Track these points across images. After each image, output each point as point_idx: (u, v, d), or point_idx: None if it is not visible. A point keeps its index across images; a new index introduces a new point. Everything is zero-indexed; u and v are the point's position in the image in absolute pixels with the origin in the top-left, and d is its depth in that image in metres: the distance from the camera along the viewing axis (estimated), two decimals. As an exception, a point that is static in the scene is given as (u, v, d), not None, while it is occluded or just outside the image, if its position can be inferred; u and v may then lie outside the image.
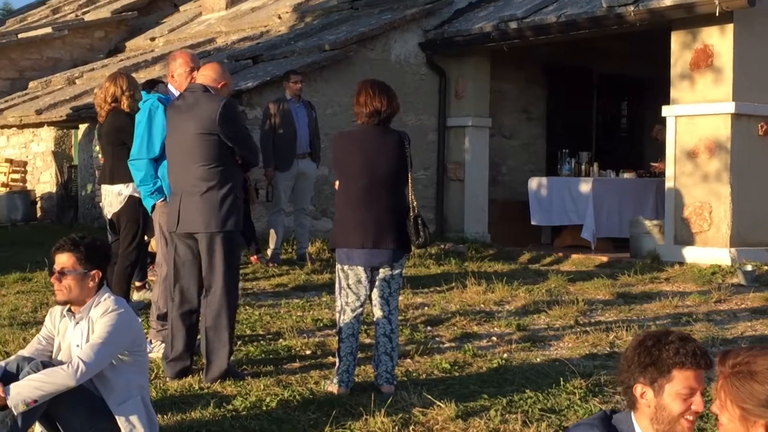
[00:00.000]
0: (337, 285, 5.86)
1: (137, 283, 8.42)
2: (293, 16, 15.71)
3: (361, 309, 5.78)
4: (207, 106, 5.93)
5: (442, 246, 11.99)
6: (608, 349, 6.89)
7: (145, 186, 6.68)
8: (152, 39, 18.58)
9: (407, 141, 5.85)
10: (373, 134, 5.78)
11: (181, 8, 20.06)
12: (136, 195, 7.21)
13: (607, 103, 15.60)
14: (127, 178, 7.28)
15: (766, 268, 10.15)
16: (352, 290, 5.76)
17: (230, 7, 17.96)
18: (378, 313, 5.80)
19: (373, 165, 5.72)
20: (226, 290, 5.93)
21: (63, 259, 4.40)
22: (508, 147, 14.46)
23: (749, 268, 9.67)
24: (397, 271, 5.82)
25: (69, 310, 4.48)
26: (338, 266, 5.83)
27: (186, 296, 6.07)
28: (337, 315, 5.85)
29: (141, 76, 14.27)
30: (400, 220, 5.79)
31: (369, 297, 5.83)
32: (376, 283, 5.79)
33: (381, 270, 5.78)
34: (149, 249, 8.35)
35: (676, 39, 11.15)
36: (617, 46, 13.96)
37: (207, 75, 6.14)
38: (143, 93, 7.18)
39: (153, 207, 6.78)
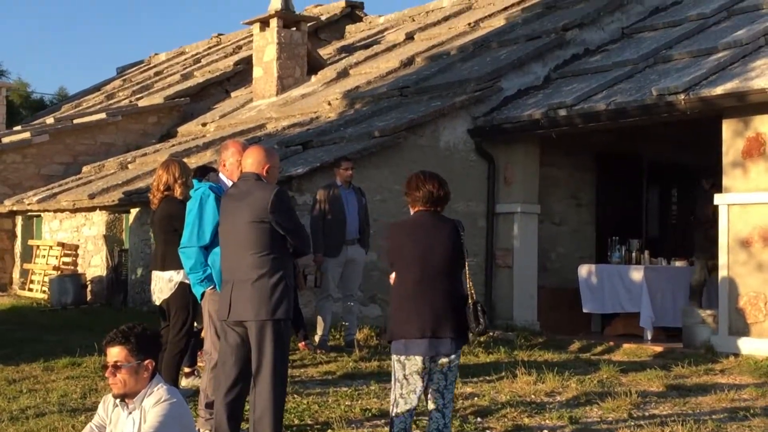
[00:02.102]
0: (393, 377, 5.78)
1: (186, 369, 8.41)
2: (342, 103, 15.89)
3: (416, 402, 5.71)
4: (259, 194, 5.97)
5: (491, 334, 11.85)
6: (664, 444, 6.71)
7: (195, 273, 6.71)
8: (204, 124, 18.87)
9: (461, 228, 5.88)
10: (427, 222, 5.81)
11: (233, 94, 20.39)
12: (187, 282, 7.23)
13: (657, 190, 15.49)
14: (177, 265, 7.31)
15: (824, 360, 9.90)
16: (408, 381, 5.68)
17: (280, 93, 18.22)
18: (431, 405, 5.72)
19: (430, 253, 5.72)
20: (275, 380, 5.88)
21: (115, 353, 4.40)
22: (557, 233, 14.38)
23: (807, 360, 9.44)
24: (455, 363, 5.77)
25: (122, 399, 4.47)
26: (394, 357, 5.76)
27: (233, 384, 6.04)
28: (391, 407, 5.78)
29: (192, 161, 14.46)
30: (458, 307, 5.76)
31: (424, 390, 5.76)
32: (433, 375, 5.72)
33: (439, 361, 5.71)
34: (200, 336, 8.34)
35: (728, 127, 11.10)
36: (667, 133, 13.93)
37: (252, 162, 6.17)
38: (194, 181, 7.26)
39: (202, 294, 6.79)
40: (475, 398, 8.12)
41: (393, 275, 5.86)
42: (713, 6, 14.48)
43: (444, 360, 5.71)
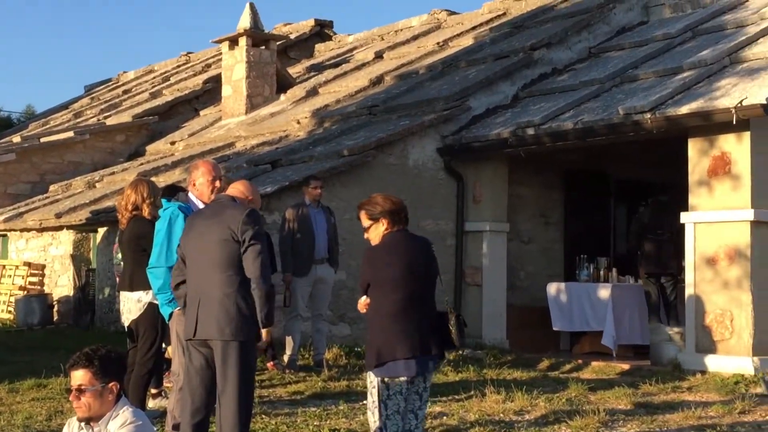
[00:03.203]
0: (375, 400, 5.68)
1: (153, 390, 8.34)
2: (312, 122, 15.89)
3: (401, 423, 5.68)
4: (232, 212, 5.96)
5: (460, 352, 11.87)
6: (632, 462, 6.73)
7: (164, 294, 6.68)
8: (172, 143, 18.80)
9: (431, 244, 6.00)
10: (407, 241, 5.82)
11: (202, 113, 20.34)
12: (156, 302, 7.19)
13: (625, 208, 15.60)
14: (146, 285, 7.27)
15: (789, 377, 9.99)
16: (392, 402, 5.65)
17: (250, 112, 18.20)
18: (405, 426, 5.70)
19: (412, 272, 5.73)
20: (240, 401, 5.84)
21: (79, 376, 4.36)
22: (526, 252, 14.44)
23: (773, 377, 9.52)
24: (429, 382, 5.81)
25: (87, 422, 4.43)
26: (375, 380, 5.67)
27: (199, 406, 6.00)
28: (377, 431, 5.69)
29: (161, 180, 14.41)
30: (439, 324, 5.82)
31: None
32: (408, 395, 5.71)
33: (415, 380, 5.71)
34: (165, 356, 8.30)
35: (694, 146, 11.21)
36: (634, 152, 14.04)
37: (237, 188, 6.23)
38: (163, 201, 7.23)
39: (170, 315, 6.76)
40: (444, 417, 8.12)
41: (365, 299, 5.77)
42: (679, 26, 14.64)
43: (419, 379, 5.72)
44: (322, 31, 23.35)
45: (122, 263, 8.30)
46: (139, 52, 55.04)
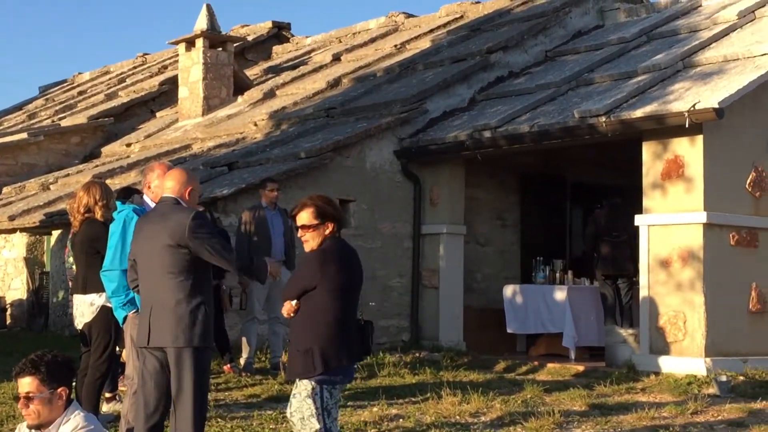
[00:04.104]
0: (314, 409, 5.43)
1: (107, 395, 8.27)
2: (269, 124, 15.84)
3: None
4: (177, 218, 5.89)
5: (417, 354, 11.92)
6: (586, 463, 6.78)
7: (117, 297, 6.63)
8: (128, 145, 18.65)
9: None
10: (350, 249, 5.75)
11: (158, 114, 20.19)
12: (109, 305, 7.13)
13: (581, 210, 15.71)
14: (99, 288, 7.20)
15: (741, 378, 10.12)
16: (333, 411, 5.50)
17: (206, 113, 18.10)
18: None
19: (358, 281, 5.71)
20: (195, 406, 5.81)
21: (26, 383, 4.31)
22: (482, 254, 14.50)
23: (724, 378, 9.64)
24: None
25: (38, 429, 4.38)
26: (324, 387, 5.46)
27: (153, 410, 5.95)
28: None
29: (116, 182, 14.30)
30: (361, 331, 5.78)
31: None
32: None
33: (342, 386, 5.71)
34: (120, 360, 8.23)
35: (648, 149, 11.32)
36: (590, 155, 14.15)
37: (173, 186, 6.06)
38: (118, 203, 7.17)
39: (125, 318, 6.71)
40: (400, 420, 8.13)
41: (295, 302, 5.56)
42: (633, 30, 14.78)
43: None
44: (279, 33, 23.28)
45: (74, 266, 8.21)
46: (95, 53, 54.52)
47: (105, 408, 8.17)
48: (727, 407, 8.74)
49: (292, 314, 5.57)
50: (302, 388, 5.45)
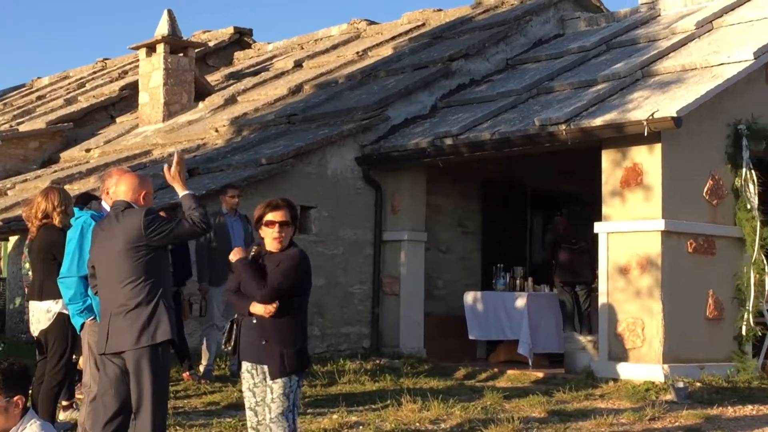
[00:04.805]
0: (287, 406, 5.63)
1: (64, 403, 8.19)
2: (230, 130, 15.78)
3: None
4: (130, 219, 5.90)
5: (378, 361, 11.92)
6: (544, 469, 6.81)
7: (75, 304, 6.57)
8: (87, 150, 18.49)
9: None
10: None
11: (118, 120, 20.04)
12: (66, 312, 7.06)
13: (541, 218, 15.80)
14: (56, 295, 7.14)
15: (698, 384, 10.22)
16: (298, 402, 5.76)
17: (167, 119, 18.00)
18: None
19: None
20: (155, 412, 5.78)
21: (-20, 392, 4.25)
22: (443, 261, 14.52)
23: (681, 384, 9.73)
24: None
25: (-9, 438, 4.33)
26: (294, 386, 5.68)
27: (111, 417, 5.90)
28: None
29: (75, 188, 14.17)
30: None
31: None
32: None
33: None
34: (77, 367, 8.15)
35: (607, 157, 11.40)
36: (551, 163, 14.24)
37: (126, 190, 6.10)
38: (75, 209, 7.11)
39: (82, 326, 6.65)
40: (360, 427, 8.12)
41: (274, 305, 5.64)
42: (593, 39, 14.91)
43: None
44: (241, 38, 23.21)
45: (30, 273, 8.13)
46: (54, 58, 54.02)
47: (62, 416, 8.09)
48: (684, 413, 8.82)
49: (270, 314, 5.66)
50: (278, 387, 5.61)
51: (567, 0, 16.77)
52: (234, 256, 5.81)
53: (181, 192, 6.02)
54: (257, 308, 5.65)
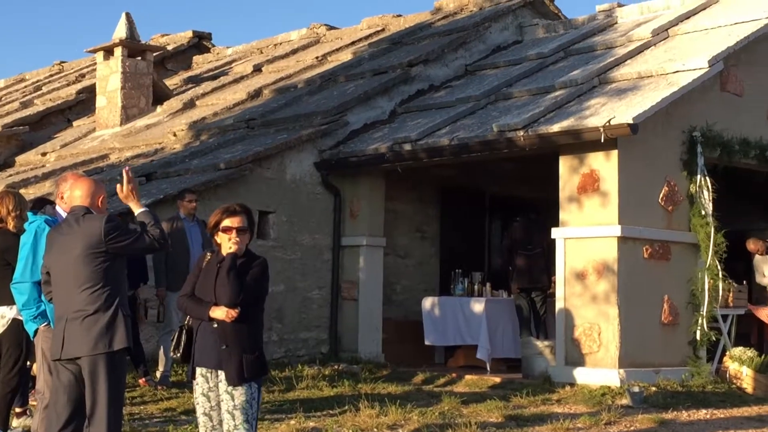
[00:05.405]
0: (251, 413, 5.72)
1: (18, 409, 8.10)
2: (188, 134, 15.70)
3: None
4: (90, 224, 5.87)
5: (336, 367, 11.91)
6: (501, 474, 6.84)
7: (28, 310, 6.50)
8: (43, 154, 18.31)
9: None
10: None
11: (75, 124, 19.85)
12: (20, 318, 6.99)
13: (500, 223, 15.87)
14: (10, 301, 7.06)
15: (653, 389, 10.32)
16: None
17: (125, 123, 17.86)
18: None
19: None
20: (110, 418, 5.74)
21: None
22: (402, 266, 14.55)
23: (636, 389, 9.81)
24: None
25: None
26: (255, 393, 5.75)
27: (65, 424, 5.85)
28: None
29: (30, 192, 14.02)
30: None
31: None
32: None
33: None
34: (31, 373, 8.06)
35: (564, 163, 11.48)
36: (509, 169, 14.31)
37: (81, 195, 6.05)
38: (30, 214, 7.04)
39: (35, 331, 6.58)
40: (318, 433, 8.11)
41: (236, 310, 5.66)
42: (551, 46, 15.01)
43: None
44: (200, 42, 23.10)
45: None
46: (10, 61, 53.43)
47: (15, 423, 8.00)
48: (639, 418, 8.90)
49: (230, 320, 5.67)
50: (240, 394, 5.66)
51: (525, 7, 16.87)
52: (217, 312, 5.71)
53: (137, 210, 5.99)
54: (218, 313, 5.63)
